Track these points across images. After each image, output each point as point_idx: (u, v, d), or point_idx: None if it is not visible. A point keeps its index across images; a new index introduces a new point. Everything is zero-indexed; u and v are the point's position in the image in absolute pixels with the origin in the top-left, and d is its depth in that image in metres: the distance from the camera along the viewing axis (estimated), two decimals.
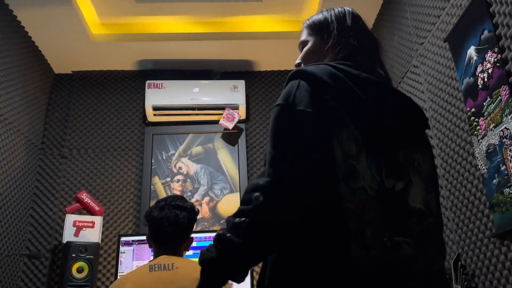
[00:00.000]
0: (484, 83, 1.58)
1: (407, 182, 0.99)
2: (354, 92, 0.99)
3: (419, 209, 0.99)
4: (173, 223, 1.68)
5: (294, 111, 0.95)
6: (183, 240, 1.73)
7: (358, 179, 0.92)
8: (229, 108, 3.13)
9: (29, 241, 2.80)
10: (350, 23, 1.20)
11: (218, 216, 2.97)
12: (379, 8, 2.77)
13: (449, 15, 1.87)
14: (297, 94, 0.98)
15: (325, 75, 0.99)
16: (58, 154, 3.08)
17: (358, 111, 0.98)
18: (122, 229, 2.90)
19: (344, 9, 1.25)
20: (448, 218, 1.90)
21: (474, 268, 1.68)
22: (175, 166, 3.11)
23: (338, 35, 1.16)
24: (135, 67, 3.37)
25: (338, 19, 1.21)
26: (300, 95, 0.97)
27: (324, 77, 0.99)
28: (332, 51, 1.14)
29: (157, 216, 1.69)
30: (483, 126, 1.59)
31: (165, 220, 1.68)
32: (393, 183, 0.97)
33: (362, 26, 1.23)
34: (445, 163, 1.91)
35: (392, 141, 1.02)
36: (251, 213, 0.88)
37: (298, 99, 0.97)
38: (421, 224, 0.98)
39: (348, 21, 1.20)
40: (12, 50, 2.66)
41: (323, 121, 0.94)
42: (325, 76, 0.99)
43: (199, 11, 2.94)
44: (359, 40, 1.15)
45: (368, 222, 0.90)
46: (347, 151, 0.94)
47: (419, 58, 2.19)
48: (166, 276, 1.57)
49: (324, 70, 1.00)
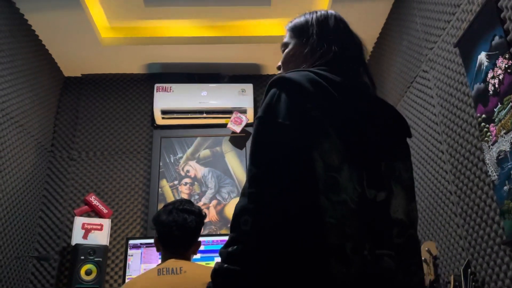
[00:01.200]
0: (495, 89, 1.57)
1: (389, 192, 0.97)
2: (336, 101, 0.97)
3: (400, 220, 0.97)
4: (181, 227, 1.69)
5: (274, 123, 0.93)
6: (191, 244, 1.73)
7: (340, 192, 0.90)
8: (237, 112, 3.13)
9: (38, 243, 2.82)
10: (331, 27, 1.15)
11: (226, 219, 2.97)
12: (388, 13, 2.76)
13: (459, 21, 1.87)
14: (276, 105, 0.95)
15: (307, 82, 0.96)
16: (67, 157, 3.10)
17: (341, 121, 0.96)
18: (130, 232, 2.91)
19: (327, 12, 1.20)
20: (458, 224, 1.88)
21: (484, 275, 1.66)
22: (183, 169, 3.12)
23: (318, 39, 1.12)
24: (143, 71, 3.38)
25: (319, 22, 1.16)
26: (279, 107, 0.94)
27: (306, 84, 0.96)
28: (312, 56, 1.10)
29: (166, 220, 1.70)
30: (493, 132, 1.58)
31: (173, 224, 1.68)
32: (374, 194, 0.95)
33: (344, 29, 1.17)
34: (455, 169, 1.90)
35: (375, 151, 0.99)
36: (242, 238, 0.86)
37: (278, 111, 0.94)
38: (402, 236, 0.96)
39: (330, 24, 1.16)
40: (23, 53, 2.68)
41: (304, 132, 0.92)
42: (307, 83, 0.96)
43: (208, 15, 2.95)
44: (341, 45, 1.10)
45: (348, 237, 0.87)
46: (329, 162, 0.91)
47: (428, 63, 2.18)
48: (174, 280, 1.57)
49: (306, 77, 0.97)
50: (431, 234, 2.13)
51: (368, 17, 2.77)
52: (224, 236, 2.69)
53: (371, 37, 3.00)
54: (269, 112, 0.94)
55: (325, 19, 1.17)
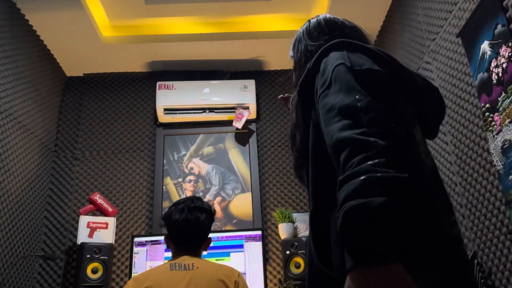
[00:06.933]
0: (498, 78, 1.56)
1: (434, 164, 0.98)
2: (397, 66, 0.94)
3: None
4: (195, 226, 1.71)
5: (362, 70, 0.85)
6: (203, 241, 1.76)
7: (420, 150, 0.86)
8: (240, 108, 3.13)
9: (44, 243, 2.83)
10: (326, 29, 1.12)
11: (230, 216, 2.97)
12: (389, 5, 2.74)
13: (461, 10, 1.85)
14: (352, 59, 0.88)
15: (368, 45, 0.96)
16: (71, 156, 3.11)
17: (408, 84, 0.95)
18: (135, 230, 2.92)
19: (316, 18, 1.18)
20: (463, 215, 1.87)
21: (491, 266, 1.65)
22: (187, 167, 3.12)
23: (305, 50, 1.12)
24: (145, 69, 3.38)
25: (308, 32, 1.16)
26: (357, 60, 0.88)
27: (370, 46, 0.94)
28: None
29: (179, 219, 1.71)
30: (498, 121, 1.57)
31: (186, 223, 1.70)
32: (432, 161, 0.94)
33: (342, 25, 1.13)
34: (460, 160, 1.89)
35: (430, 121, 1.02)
36: (384, 153, 0.71)
37: (358, 62, 0.87)
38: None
39: (324, 27, 1.13)
40: (24, 53, 2.69)
41: (393, 80, 0.87)
42: (370, 46, 0.95)
43: (208, 11, 2.94)
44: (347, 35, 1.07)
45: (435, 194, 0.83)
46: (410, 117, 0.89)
47: (431, 54, 2.17)
48: (187, 275, 1.58)
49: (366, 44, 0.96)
50: None
51: (370, 9, 2.76)
52: (229, 232, 2.69)
53: (373, 30, 2.99)
54: (349, 63, 0.86)
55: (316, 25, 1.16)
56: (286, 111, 3.30)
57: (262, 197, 3.03)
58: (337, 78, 0.84)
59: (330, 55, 0.91)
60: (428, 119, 1.01)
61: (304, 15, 3.01)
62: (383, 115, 0.76)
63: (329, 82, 0.85)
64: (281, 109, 3.32)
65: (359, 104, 0.77)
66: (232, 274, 1.65)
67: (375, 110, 0.76)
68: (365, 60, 0.88)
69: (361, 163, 0.70)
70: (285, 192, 3.06)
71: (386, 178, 0.67)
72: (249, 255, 2.59)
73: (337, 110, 0.79)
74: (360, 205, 0.66)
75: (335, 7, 2.71)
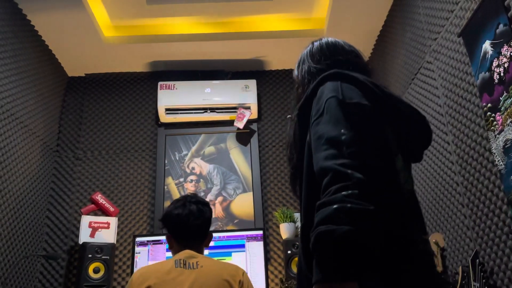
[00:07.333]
0: (500, 77, 1.56)
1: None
2: (385, 97, 1.04)
3: None
4: (199, 217, 1.72)
5: (351, 103, 0.96)
6: (206, 234, 1.77)
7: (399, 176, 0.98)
8: (241, 108, 3.13)
9: (46, 243, 2.83)
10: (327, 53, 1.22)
11: (232, 215, 2.98)
12: (391, 4, 2.74)
13: (463, 10, 1.85)
14: (344, 91, 0.99)
15: (361, 77, 1.04)
16: (73, 156, 3.11)
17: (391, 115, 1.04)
18: (137, 230, 2.93)
19: (319, 42, 1.27)
20: (465, 215, 1.87)
21: (493, 265, 1.65)
22: (188, 167, 3.12)
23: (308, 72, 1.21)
24: (147, 69, 3.39)
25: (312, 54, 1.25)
26: (349, 92, 0.98)
27: (361, 78, 1.03)
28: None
29: (182, 213, 1.72)
30: (499, 121, 1.57)
31: (191, 215, 1.71)
32: (411, 184, 1.05)
33: (342, 50, 1.23)
34: (461, 160, 1.89)
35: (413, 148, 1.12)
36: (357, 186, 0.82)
37: (349, 95, 0.97)
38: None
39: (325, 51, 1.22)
40: (26, 54, 2.69)
41: (377, 115, 0.98)
42: (361, 77, 1.04)
43: (209, 11, 2.94)
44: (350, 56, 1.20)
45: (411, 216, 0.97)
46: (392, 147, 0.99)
47: (432, 54, 2.17)
48: (191, 275, 1.58)
49: (358, 75, 1.05)
50: (438, 225, 2.12)
51: (371, 9, 2.76)
52: (230, 231, 2.69)
53: (374, 29, 2.99)
54: (341, 96, 0.97)
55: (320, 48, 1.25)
56: (287, 111, 3.30)
57: (263, 197, 3.03)
58: (328, 109, 0.95)
59: (326, 85, 1.02)
60: (411, 147, 1.11)
61: (305, 14, 3.01)
62: (362, 150, 0.88)
63: (321, 111, 0.97)
64: (282, 109, 3.33)
65: (343, 137, 0.89)
66: (237, 273, 1.65)
67: (356, 145, 0.88)
68: (355, 92, 0.99)
69: (336, 192, 0.82)
70: (286, 192, 3.06)
71: (354, 209, 0.79)
72: (250, 255, 2.60)
73: (325, 139, 0.91)
74: (329, 230, 0.78)
75: (337, 7, 2.71)
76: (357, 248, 0.77)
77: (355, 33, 3.00)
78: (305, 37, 3.05)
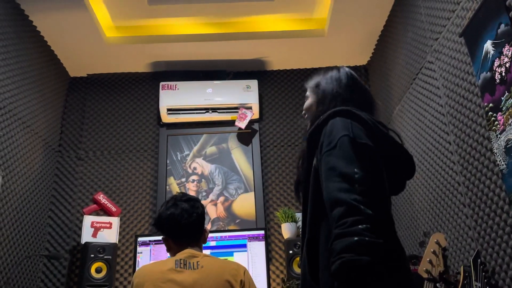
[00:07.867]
0: (501, 77, 1.56)
1: None
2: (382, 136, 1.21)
3: None
4: (192, 213, 1.71)
5: (361, 143, 1.12)
6: (202, 230, 1.76)
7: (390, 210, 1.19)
8: (243, 108, 3.14)
9: (48, 243, 2.84)
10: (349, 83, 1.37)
11: (233, 215, 2.98)
12: (392, 4, 2.74)
13: (464, 10, 1.85)
14: (354, 129, 1.14)
15: (365, 116, 1.19)
16: (75, 156, 3.12)
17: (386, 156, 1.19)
18: (139, 230, 2.93)
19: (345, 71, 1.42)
20: (466, 215, 1.87)
21: (494, 265, 1.65)
22: (190, 167, 3.13)
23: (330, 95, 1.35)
24: (148, 69, 3.40)
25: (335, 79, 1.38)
26: (358, 132, 1.14)
27: (365, 118, 1.18)
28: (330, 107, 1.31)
29: (175, 212, 1.70)
30: (501, 121, 1.57)
31: (184, 212, 1.70)
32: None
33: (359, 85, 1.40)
34: (463, 159, 1.89)
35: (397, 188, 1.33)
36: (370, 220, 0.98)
37: (358, 134, 1.13)
38: None
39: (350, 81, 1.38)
40: (28, 54, 2.70)
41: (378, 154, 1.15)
42: (365, 117, 1.19)
43: (211, 11, 2.95)
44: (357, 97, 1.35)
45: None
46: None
47: (434, 54, 2.17)
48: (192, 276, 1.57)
49: (364, 114, 1.20)
50: (439, 225, 2.12)
51: (372, 9, 2.76)
52: (232, 231, 2.70)
53: (376, 30, 2.99)
54: (352, 134, 1.13)
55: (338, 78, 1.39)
56: (288, 111, 3.31)
57: (265, 197, 3.04)
58: (342, 146, 1.11)
59: (337, 119, 1.18)
60: (396, 182, 1.29)
61: (307, 14, 3.01)
62: (370, 189, 1.05)
63: (334, 145, 1.12)
64: (284, 109, 3.33)
65: (356, 176, 1.05)
66: (238, 273, 1.64)
67: (366, 184, 1.05)
68: (362, 132, 1.16)
69: (353, 225, 0.98)
70: (288, 191, 3.06)
71: (371, 243, 0.96)
72: (252, 254, 2.60)
73: (338, 172, 1.07)
74: (354, 260, 0.95)
75: (338, 7, 2.71)
76: (374, 274, 0.96)
77: (356, 33, 3.00)
78: (306, 37, 3.05)
